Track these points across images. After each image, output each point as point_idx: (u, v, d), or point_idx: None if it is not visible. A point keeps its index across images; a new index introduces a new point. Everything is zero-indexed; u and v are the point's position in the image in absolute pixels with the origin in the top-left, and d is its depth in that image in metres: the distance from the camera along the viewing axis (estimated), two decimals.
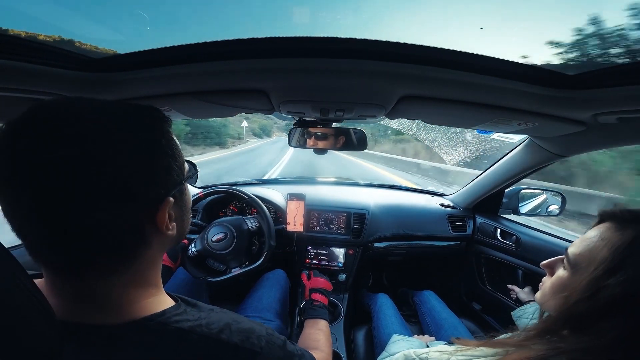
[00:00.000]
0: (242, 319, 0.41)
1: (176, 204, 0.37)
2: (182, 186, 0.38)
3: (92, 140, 0.28)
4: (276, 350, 0.41)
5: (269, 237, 1.07)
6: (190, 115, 0.87)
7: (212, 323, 0.36)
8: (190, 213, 0.44)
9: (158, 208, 0.33)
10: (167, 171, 0.34)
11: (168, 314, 0.35)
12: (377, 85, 0.60)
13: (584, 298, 0.40)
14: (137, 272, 0.35)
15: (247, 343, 0.37)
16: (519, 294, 1.07)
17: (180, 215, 0.39)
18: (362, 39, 0.49)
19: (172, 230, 0.36)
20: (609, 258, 0.40)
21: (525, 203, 1.33)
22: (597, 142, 0.79)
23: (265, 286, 1.15)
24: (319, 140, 0.97)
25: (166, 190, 0.34)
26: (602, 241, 0.43)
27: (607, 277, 0.39)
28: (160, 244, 0.37)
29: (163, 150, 0.33)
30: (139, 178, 0.31)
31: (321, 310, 0.84)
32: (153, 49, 0.54)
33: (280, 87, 0.64)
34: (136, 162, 0.30)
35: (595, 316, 0.39)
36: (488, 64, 0.53)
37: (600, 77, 0.52)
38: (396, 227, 1.40)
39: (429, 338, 0.99)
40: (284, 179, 1.81)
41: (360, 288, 1.61)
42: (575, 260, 0.46)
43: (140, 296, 0.36)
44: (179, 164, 0.36)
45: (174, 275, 1.14)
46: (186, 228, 0.42)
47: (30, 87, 0.52)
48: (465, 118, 0.79)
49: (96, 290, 0.33)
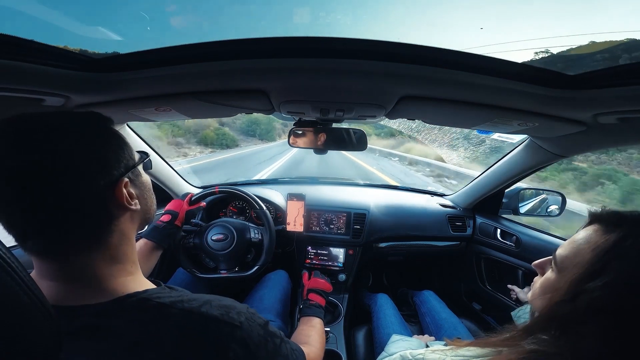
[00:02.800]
0: (224, 298, 0.43)
1: (134, 184, 0.44)
2: (136, 170, 0.46)
3: (55, 144, 0.35)
4: (256, 328, 0.41)
5: (268, 252, 1.07)
6: (190, 115, 0.87)
7: (193, 300, 0.39)
8: (153, 194, 0.51)
9: (115, 186, 0.40)
10: (117, 158, 0.41)
11: (150, 292, 0.39)
12: (377, 85, 0.60)
13: (565, 300, 0.40)
14: (111, 246, 0.40)
15: (227, 317, 0.39)
16: (519, 294, 1.07)
17: (141, 194, 0.46)
18: (362, 39, 0.49)
19: (135, 206, 0.43)
20: (591, 261, 0.40)
21: (525, 203, 1.33)
22: (597, 142, 0.79)
23: (267, 286, 1.15)
24: (318, 140, 0.97)
25: (119, 172, 0.40)
26: (587, 244, 0.43)
27: (588, 281, 0.38)
28: (129, 218, 0.43)
29: (109, 143, 0.41)
30: (96, 165, 0.38)
31: (316, 309, 0.85)
32: (153, 49, 0.54)
33: (280, 87, 0.64)
34: (91, 153, 0.38)
35: (576, 319, 0.38)
36: (488, 64, 0.53)
37: (600, 77, 0.52)
38: (396, 227, 1.40)
39: (429, 338, 0.99)
40: (284, 179, 1.81)
41: (360, 288, 1.61)
42: (562, 262, 0.46)
43: (120, 272, 0.40)
44: (128, 152, 0.44)
45: (174, 276, 1.14)
46: (151, 205, 0.50)
47: (30, 87, 0.52)
48: (465, 118, 0.79)
49: (79, 268, 0.37)
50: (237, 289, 1.24)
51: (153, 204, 0.51)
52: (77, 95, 0.60)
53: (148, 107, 0.73)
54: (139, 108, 0.73)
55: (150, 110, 0.74)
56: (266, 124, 23.75)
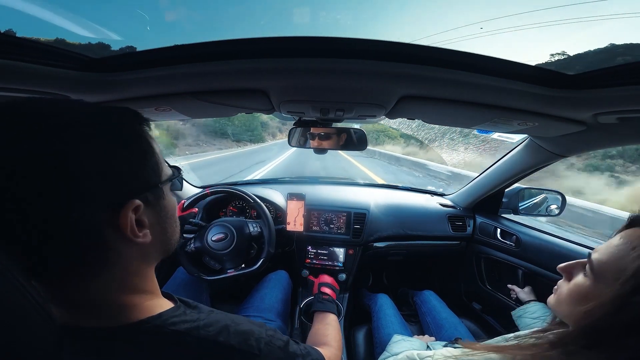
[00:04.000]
0: (242, 321, 0.40)
1: (151, 209, 0.34)
2: (159, 190, 0.35)
3: (44, 137, 0.27)
4: (276, 352, 0.40)
5: (269, 243, 1.07)
6: (191, 115, 0.87)
7: (210, 325, 0.36)
8: (176, 221, 0.40)
9: (119, 210, 0.30)
10: (134, 171, 0.32)
11: (165, 316, 0.35)
12: (377, 85, 0.60)
13: (609, 313, 0.36)
14: (118, 279, 0.33)
15: (245, 345, 0.37)
16: (519, 294, 1.07)
17: (158, 222, 0.36)
18: (362, 39, 0.49)
19: (144, 238, 0.33)
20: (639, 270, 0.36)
21: (525, 203, 1.33)
22: (597, 142, 0.79)
23: (268, 286, 1.15)
24: (318, 140, 0.97)
25: (130, 192, 0.31)
26: (633, 250, 0.38)
27: (637, 293, 0.35)
28: (137, 253, 0.34)
29: (130, 149, 0.32)
30: (96, 176, 0.28)
31: (330, 305, 0.84)
32: (153, 48, 0.54)
33: (280, 87, 0.64)
34: (93, 159, 0.28)
35: (617, 332, 0.36)
36: (488, 64, 0.53)
37: (600, 77, 0.52)
38: (396, 227, 1.40)
39: (429, 338, 0.99)
40: (284, 179, 1.81)
41: (360, 288, 1.61)
42: (600, 268, 0.42)
43: (133, 301, 0.35)
44: (152, 165, 0.34)
45: (174, 276, 1.14)
46: (171, 237, 0.39)
47: (30, 87, 0.52)
48: (465, 118, 0.79)
49: (83, 296, 0.32)
50: (237, 288, 1.24)
51: (175, 232, 0.40)
52: (77, 95, 0.60)
53: (148, 107, 0.73)
54: (138, 108, 0.73)
55: (150, 110, 0.75)
56: (246, 118, 17.59)
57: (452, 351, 0.52)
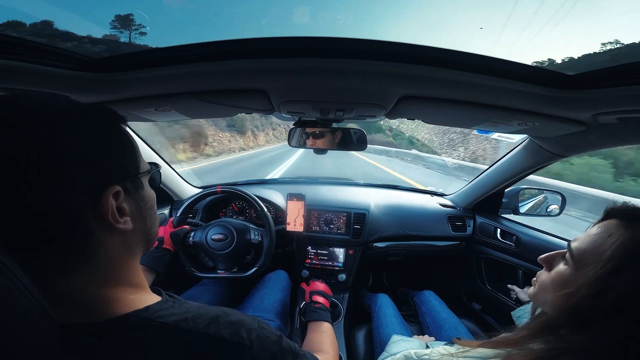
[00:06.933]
0: (232, 312, 0.40)
1: (130, 198, 0.36)
2: (137, 180, 0.38)
3: (29, 129, 0.28)
4: (269, 345, 0.39)
5: (267, 254, 1.08)
6: (190, 115, 0.87)
7: (199, 317, 0.35)
8: (156, 213, 0.42)
9: (100, 196, 0.31)
10: (115, 159, 0.34)
11: (152, 310, 0.35)
12: (377, 85, 0.60)
13: (589, 295, 0.39)
14: (102, 270, 0.34)
15: (236, 337, 0.35)
16: (519, 294, 1.07)
17: (138, 211, 0.38)
18: (362, 39, 0.49)
19: (125, 225, 0.34)
20: (617, 255, 0.39)
21: (525, 203, 1.33)
22: (597, 142, 0.79)
23: (267, 286, 1.15)
24: (318, 140, 0.97)
25: (110, 180, 0.33)
26: (609, 238, 0.41)
27: (615, 275, 0.38)
28: (120, 241, 0.35)
29: (110, 143, 0.34)
30: (79, 165, 0.30)
31: (323, 312, 0.83)
32: (153, 48, 0.54)
33: (280, 87, 0.64)
34: (75, 149, 0.30)
35: (600, 314, 0.38)
36: (488, 64, 0.53)
37: (600, 77, 0.52)
38: (396, 227, 1.40)
39: (429, 338, 0.99)
40: (284, 179, 1.82)
41: (360, 288, 1.61)
42: (580, 256, 0.44)
43: (118, 294, 0.35)
44: (131, 159, 0.37)
45: (200, 283, 1.15)
46: (151, 228, 0.41)
47: (30, 87, 0.52)
48: (465, 118, 0.79)
49: (68, 289, 0.32)
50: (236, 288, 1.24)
51: (154, 225, 0.42)
52: (77, 95, 0.60)
53: (148, 107, 0.73)
54: (138, 108, 0.73)
55: (150, 110, 0.75)
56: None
57: (448, 348, 0.53)
